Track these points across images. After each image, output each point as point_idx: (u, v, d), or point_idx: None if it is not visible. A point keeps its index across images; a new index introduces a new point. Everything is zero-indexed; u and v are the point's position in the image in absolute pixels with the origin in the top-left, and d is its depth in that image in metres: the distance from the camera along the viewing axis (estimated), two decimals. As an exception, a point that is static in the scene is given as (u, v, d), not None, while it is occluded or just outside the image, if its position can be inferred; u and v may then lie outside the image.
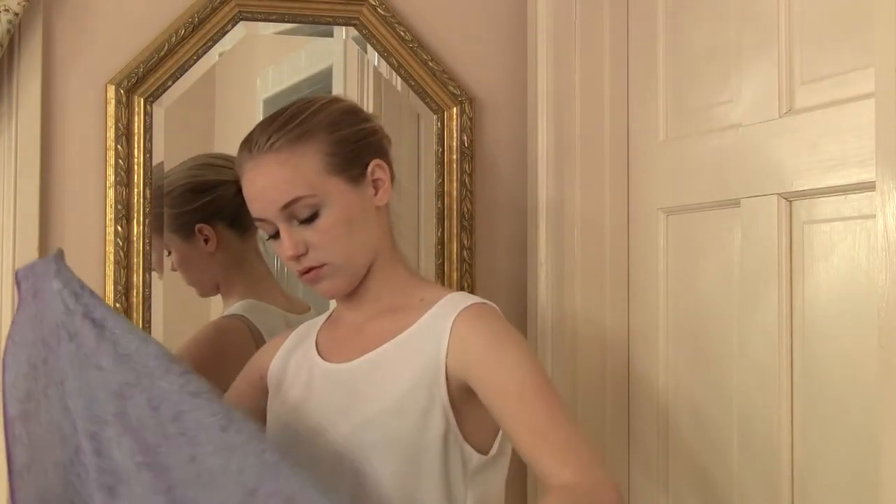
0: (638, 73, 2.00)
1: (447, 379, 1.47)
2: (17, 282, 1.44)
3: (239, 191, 1.98)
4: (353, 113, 1.59)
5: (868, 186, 1.42)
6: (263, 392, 1.64)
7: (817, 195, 1.55)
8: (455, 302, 1.53)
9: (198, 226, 1.98)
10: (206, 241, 1.98)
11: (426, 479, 1.47)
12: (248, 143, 1.55)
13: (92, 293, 1.39)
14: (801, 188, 1.57)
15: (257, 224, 1.57)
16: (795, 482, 1.59)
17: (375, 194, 1.56)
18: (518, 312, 2.01)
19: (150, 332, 1.89)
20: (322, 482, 1.42)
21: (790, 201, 1.60)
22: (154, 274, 1.92)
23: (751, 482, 1.67)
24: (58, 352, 1.37)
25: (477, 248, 2.07)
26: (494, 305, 1.55)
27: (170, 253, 1.98)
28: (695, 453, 1.82)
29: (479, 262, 2.07)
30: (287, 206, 1.51)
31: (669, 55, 1.92)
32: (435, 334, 1.49)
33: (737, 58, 1.73)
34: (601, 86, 2.01)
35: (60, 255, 1.41)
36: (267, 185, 1.52)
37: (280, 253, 1.55)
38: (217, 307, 2.05)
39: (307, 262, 1.53)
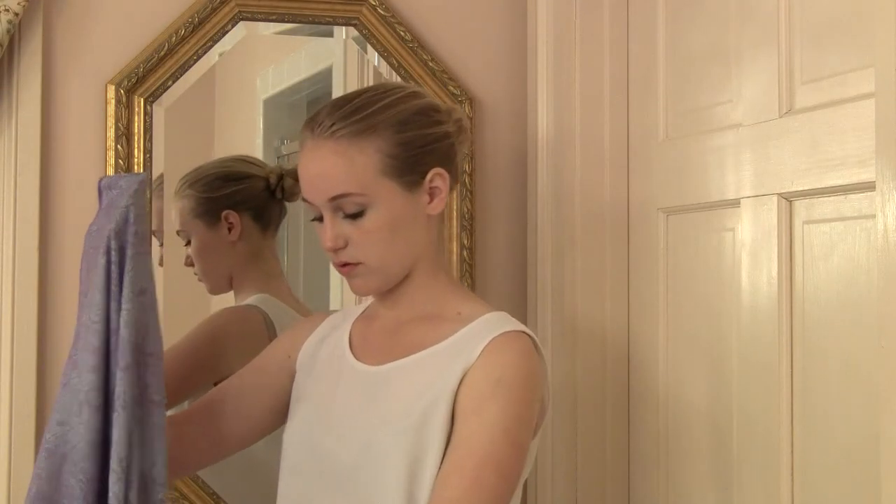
0: (638, 73, 2.00)
1: (455, 403, 1.44)
2: (99, 190, 1.46)
3: (267, 187, 2.01)
4: (426, 114, 1.53)
5: (868, 186, 1.42)
6: (289, 373, 1.61)
7: (817, 195, 1.55)
8: (492, 325, 1.49)
9: (224, 212, 2.00)
10: (230, 229, 2.01)
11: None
12: (313, 123, 1.51)
13: (141, 237, 1.41)
14: (801, 188, 1.57)
15: (304, 204, 1.53)
16: (795, 481, 1.59)
17: (430, 202, 1.52)
18: (518, 312, 2.00)
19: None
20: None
21: (790, 201, 1.60)
22: (154, 275, 1.92)
23: (751, 481, 1.67)
24: (95, 263, 1.40)
25: (477, 248, 2.07)
26: (530, 335, 1.49)
27: (188, 243, 2.01)
28: (695, 453, 1.82)
29: (479, 262, 2.07)
30: (335, 198, 1.48)
31: (669, 55, 1.92)
32: (463, 356, 1.45)
33: (737, 58, 1.73)
34: (601, 86, 2.01)
35: (146, 181, 1.44)
36: (319, 173, 1.49)
37: (320, 241, 1.52)
38: (218, 306, 2.05)
39: (344, 257, 1.50)
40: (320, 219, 1.51)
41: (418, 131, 1.51)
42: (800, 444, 1.58)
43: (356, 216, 1.48)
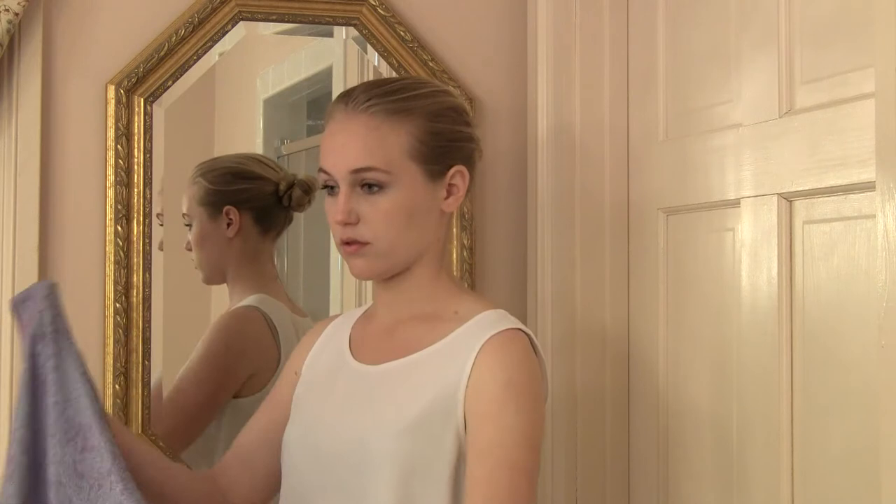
0: (638, 73, 2.00)
1: (464, 406, 1.44)
2: (15, 308, 1.43)
3: (275, 192, 2.04)
4: (458, 112, 1.56)
5: (868, 186, 1.42)
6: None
7: (817, 195, 1.55)
8: (487, 324, 1.48)
9: (226, 207, 2.03)
10: (229, 224, 2.04)
11: (433, 500, 1.43)
12: (347, 97, 1.52)
13: (63, 336, 1.39)
14: (801, 188, 1.57)
15: (320, 175, 1.52)
16: (795, 481, 1.59)
17: (446, 198, 1.53)
18: (518, 313, 2.00)
19: (150, 332, 1.89)
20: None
21: (790, 201, 1.60)
22: (154, 275, 1.92)
23: (750, 481, 1.67)
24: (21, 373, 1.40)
25: (477, 248, 2.07)
26: (527, 332, 1.50)
27: (190, 226, 2.04)
28: (695, 453, 1.82)
29: (479, 262, 2.07)
30: (358, 171, 1.47)
31: (669, 55, 1.92)
32: (460, 356, 1.45)
33: (737, 58, 1.73)
34: (601, 86, 2.02)
35: (54, 285, 1.42)
36: (348, 144, 1.48)
37: (330, 214, 1.51)
38: (217, 306, 2.06)
39: (352, 234, 1.49)
40: (333, 191, 1.50)
41: (450, 126, 1.53)
42: (800, 444, 1.58)
43: (374, 190, 1.48)
